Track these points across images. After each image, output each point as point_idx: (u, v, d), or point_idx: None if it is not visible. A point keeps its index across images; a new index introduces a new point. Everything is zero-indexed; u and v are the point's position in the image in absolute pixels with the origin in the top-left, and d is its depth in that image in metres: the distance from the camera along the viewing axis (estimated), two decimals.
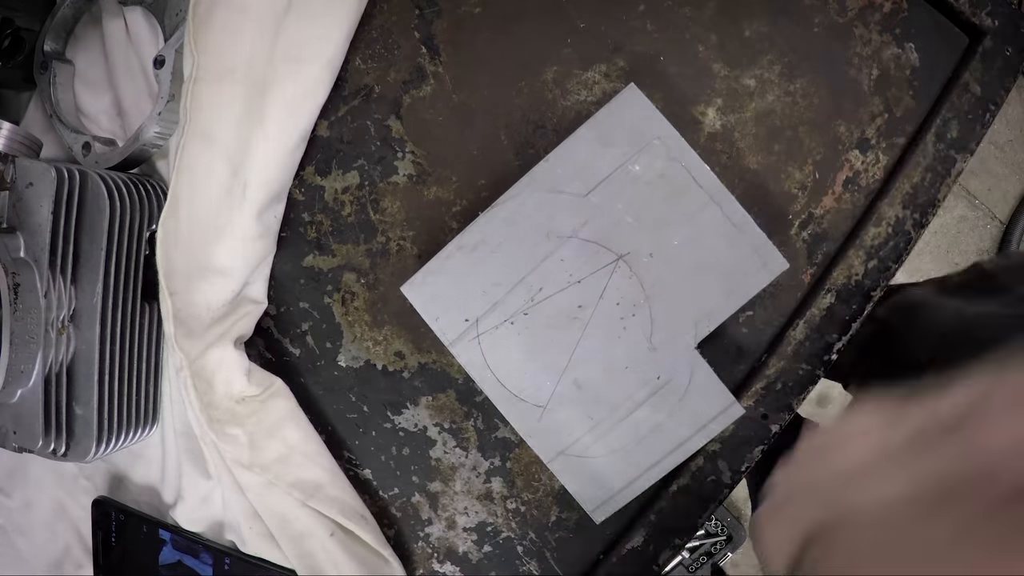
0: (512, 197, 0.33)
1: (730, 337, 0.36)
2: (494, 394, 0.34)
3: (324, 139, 0.38)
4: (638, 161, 0.32)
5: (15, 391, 0.32)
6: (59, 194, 0.31)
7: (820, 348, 0.36)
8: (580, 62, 0.36)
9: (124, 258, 0.34)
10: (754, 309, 0.36)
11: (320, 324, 0.39)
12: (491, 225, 0.33)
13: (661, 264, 0.33)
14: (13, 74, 0.39)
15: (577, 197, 0.33)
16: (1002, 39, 0.34)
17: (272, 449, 0.36)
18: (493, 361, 0.34)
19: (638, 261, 0.33)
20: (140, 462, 0.41)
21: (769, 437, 0.36)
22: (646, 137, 0.32)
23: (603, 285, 0.33)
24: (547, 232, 0.33)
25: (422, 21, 0.37)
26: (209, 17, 0.33)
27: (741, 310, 0.34)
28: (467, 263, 0.33)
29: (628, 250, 0.33)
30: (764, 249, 0.32)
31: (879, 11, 0.35)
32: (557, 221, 0.33)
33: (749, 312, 0.36)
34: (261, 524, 0.37)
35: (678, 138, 0.32)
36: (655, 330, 0.33)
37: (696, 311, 0.33)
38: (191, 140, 0.33)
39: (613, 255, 0.33)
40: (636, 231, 0.33)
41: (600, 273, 0.33)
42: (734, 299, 0.33)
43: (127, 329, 0.35)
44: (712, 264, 0.33)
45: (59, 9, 0.38)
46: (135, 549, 0.39)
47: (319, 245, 0.38)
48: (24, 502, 0.43)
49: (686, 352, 0.33)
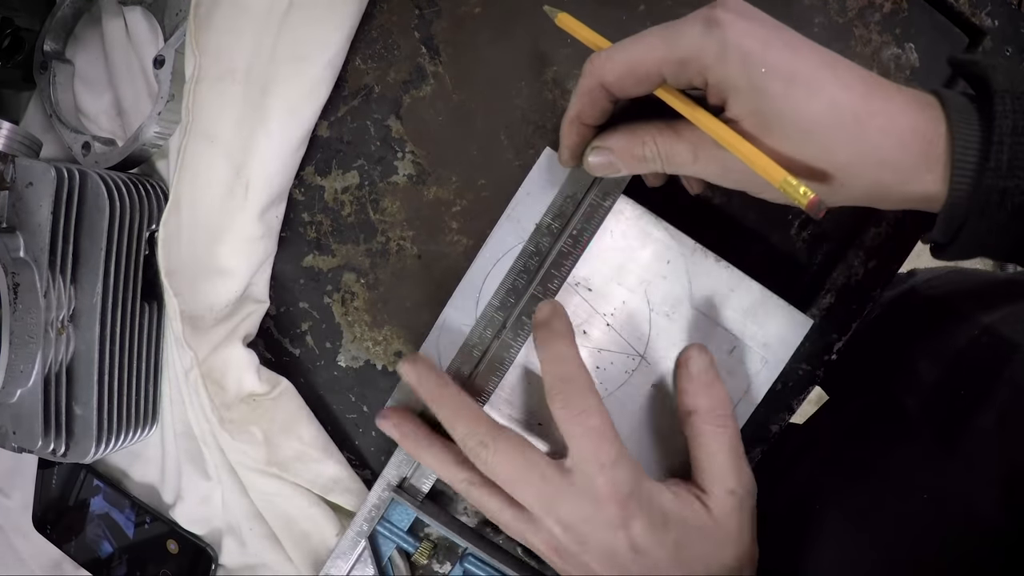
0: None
1: None
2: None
3: (324, 139, 0.38)
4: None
5: (15, 391, 0.32)
6: (59, 194, 0.31)
7: (820, 348, 0.36)
8: (580, 62, 0.36)
9: (124, 258, 0.34)
10: None
11: (320, 324, 0.39)
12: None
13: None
14: (13, 74, 0.39)
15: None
16: (1002, 39, 0.34)
17: (289, 447, 0.36)
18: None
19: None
20: (140, 462, 0.41)
21: (769, 437, 0.36)
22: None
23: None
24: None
25: (422, 21, 0.37)
26: (210, 17, 0.33)
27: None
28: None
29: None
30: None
31: (879, 11, 0.35)
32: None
33: None
34: (263, 525, 0.37)
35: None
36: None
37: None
38: (193, 140, 0.33)
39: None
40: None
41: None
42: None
43: (127, 329, 0.35)
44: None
45: (59, 9, 0.38)
46: (71, 493, 0.41)
47: (319, 245, 0.38)
48: (24, 502, 0.43)
49: None
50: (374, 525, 0.35)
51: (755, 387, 0.33)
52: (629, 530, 0.28)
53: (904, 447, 0.35)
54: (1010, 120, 0.23)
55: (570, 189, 0.33)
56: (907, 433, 0.36)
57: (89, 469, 0.41)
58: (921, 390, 0.36)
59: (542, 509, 0.29)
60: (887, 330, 0.45)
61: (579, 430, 0.29)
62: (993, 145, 0.23)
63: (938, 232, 0.26)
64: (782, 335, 0.33)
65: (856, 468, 0.37)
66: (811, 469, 0.41)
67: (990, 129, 0.24)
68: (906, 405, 0.37)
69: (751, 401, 0.33)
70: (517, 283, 0.33)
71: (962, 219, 0.25)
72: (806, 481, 0.40)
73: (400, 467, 0.35)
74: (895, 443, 0.36)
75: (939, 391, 0.35)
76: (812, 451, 0.42)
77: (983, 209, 0.24)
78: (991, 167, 0.23)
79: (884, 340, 0.44)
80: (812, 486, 0.39)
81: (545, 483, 0.29)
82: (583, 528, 0.28)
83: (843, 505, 0.36)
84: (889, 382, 0.40)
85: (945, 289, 0.46)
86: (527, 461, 0.29)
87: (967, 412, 0.32)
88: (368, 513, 0.35)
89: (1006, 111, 0.23)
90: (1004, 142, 0.23)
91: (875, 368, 0.42)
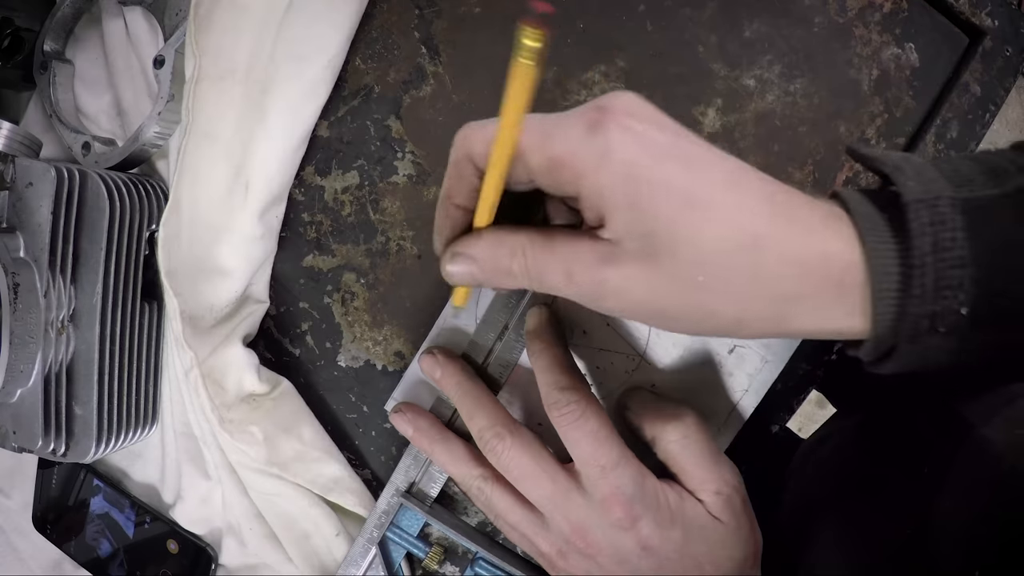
0: None
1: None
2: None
3: (324, 139, 0.38)
4: None
5: (15, 391, 0.32)
6: (59, 194, 0.31)
7: (820, 348, 0.36)
8: (580, 62, 0.36)
9: (124, 258, 0.34)
10: None
11: (320, 324, 0.39)
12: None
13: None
14: (13, 74, 0.39)
15: None
16: (1002, 39, 0.34)
17: (289, 447, 0.36)
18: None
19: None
20: (140, 462, 0.41)
21: (769, 437, 0.36)
22: None
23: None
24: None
25: (422, 21, 0.37)
26: (210, 17, 0.33)
27: None
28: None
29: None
30: None
31: (879, 11, 0.35)
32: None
33: None
34: (263, 525, 0.37)
35: None
36: None
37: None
38: (193, 140, 0.33)
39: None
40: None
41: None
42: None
43: (127, 329, 0.35)
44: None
45: (59, 9, 0.38)
46: (71, 493, 0.41)
47: (319, 245, 0.38)
48: (24, 502, 0.43)
49: None
50: (384, 531, 0.35)
51: (755, 387, 0.33)
52: (638, 531, 0.28)
53: (899, 477, 0.35)
54: (929, 237, 0.20)
55: None
56: (903, 464, 0.35)
57: (89, 469, 0.41)
58: (898, 453, 0.36)
59: (552, 507, 0.29)
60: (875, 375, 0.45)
61: (578, 435, 0.29)
62: (915, 269, 0.21)
63: (866, 355, 0.23)
64: None
65: (858, 482, 0.37)
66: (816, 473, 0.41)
67: (908, 247, 0.21)
68: (899, 446, 0.37)
69: (751, 401, 0.33)
70: None
71: (891, 346, 0.22)
72: (810, 483, 0.40)
73: (408, 472, 0.35)
74: (893, 468, 0.36)
75: (909, 462, 0.34)
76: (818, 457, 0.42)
77: (913, 336, 0.21)
78: (916, 294, 0.21)
79: (875, 382, 0.44)
80: (816, 490, 0.39)
81: (555, 484, 0.29)
82: (592, 530, 0.28)
83: (843, 514, 0.36)
84: (882, 426, 0.40)
85: None
86: (540, 459, 0.29)
87: (931, 491, 0.31)
88: (378, 519, 0.35)
89: (923, 226, 0.21)
90: (927, 263, 0.20)
91: (872, 400, 0.42)
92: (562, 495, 0.29)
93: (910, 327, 0.21)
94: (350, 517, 0.38)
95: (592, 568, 0.29)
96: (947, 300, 0.20)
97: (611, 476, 0.28)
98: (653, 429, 0.30)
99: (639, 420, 0.31)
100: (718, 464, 0.30)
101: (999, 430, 0.30)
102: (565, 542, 0.29)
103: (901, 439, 0.37)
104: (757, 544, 0.30)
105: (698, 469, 0.29)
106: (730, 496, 0.29)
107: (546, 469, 0.29)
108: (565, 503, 0.29)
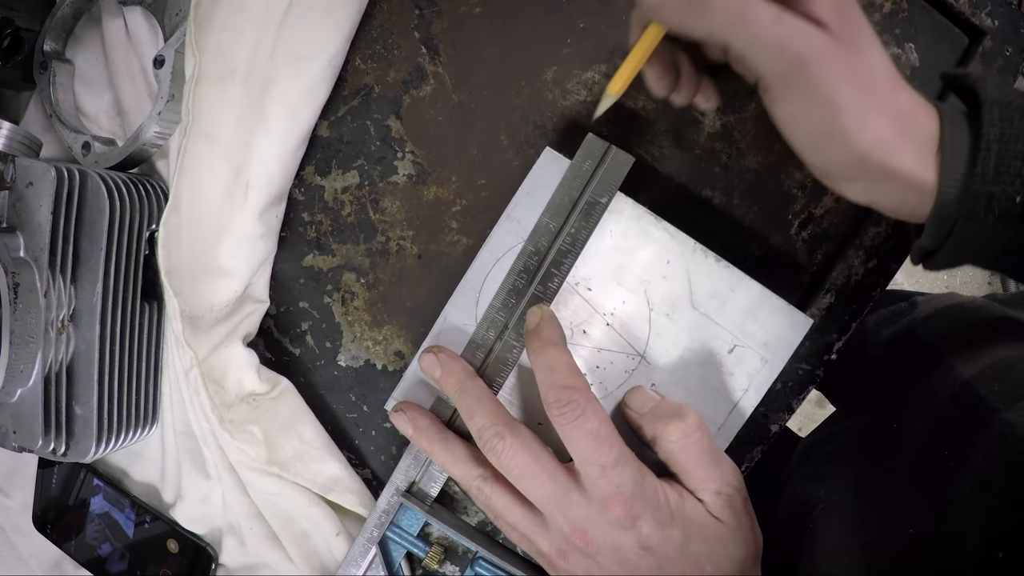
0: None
1: None
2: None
3: (324, 139, 0.38)
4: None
5: (15, 391, 0.32)
6: (59, 194, 0.31)
7: (820, 348, 0.36)
8: (580, 62, 0.36)
9: (124, 258, 0.34)
10: None
11: (320, 324, 0.39)
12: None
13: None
14: (13, 74, 0.39)
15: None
16: (1002, 39, 0.34)
17: (289, 446, 0.36)
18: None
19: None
20: (140, 462, 0.41)
21: (769, 437, 0.36)
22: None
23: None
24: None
25: (422, 21, 0.37)
26: (210, 17, 0.33)
27: None
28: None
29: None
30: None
31: (879, 11, 0.35)
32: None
33: None
34: (263, 525, 0.37)
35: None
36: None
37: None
38: (193, 140, 0.33)
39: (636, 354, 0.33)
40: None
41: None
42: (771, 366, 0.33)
43: (127, 329, 0.35)
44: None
45: (59, 9, 0.38)
46: (71, 493, 0.42)
47: (319, 245, 0.38)
48: (24, 502, 0.43)
49: None
50: (384, 531, 0.35)
51: (755, 387, 0.33)
52: (638, 530, 0.28)
53: (900, 483, 0.35)
54: (997, 128, 0.25)
55: (568, 188, 0.33)
56: (903, 473, 0.35)
57: (89, 469, 0.41)
58: (912, 444, 0.36)
59: (552, 507, 0.29)
60: (885, 375, 0.45)
61: (577, 434, 0.29)
62: (981, 151, 0.25)
63: (927, 238, 0.27)
64: (782, 335, 0.33)
65: (858, 485, 0.37)
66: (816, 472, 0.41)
67: (979, 136, 0.25)
68: (902, 454, 0.37)
69: (751, 401, 0.33)
70: (518, 283, 0.33)
71: (951, 223, 0.26)
72: (810, 483, 0.40)
73: (408, 471, 0.35)
74: (893, 475, 0.36)
75: (927, 448, 0.35)
76: (818, 457, 0.42)
77: (971, 213, 0.25)
78: (978, 172, 0.25)
79: (883, 383, 0.44)
80: (816, 490, 0.39)
81: (555, 483, 0.29)
82: (592, 529, 0.28)
83: (843, 516, 0.36)
84: (887, 427, 0.40)
85: (938, 331, 0.46)
86: (540, 458, 0.29)
87: (950, 476, 0.32)
88: (378, 519, 0.35)
89: (993, 120, 0.25)
90: (991, 148, 0.25)
91: (877, 401, 0.42)
92: (562, 494, 0.29)
93: (969, 203, 0.25)
94: (350, 517, 0.38)
95: (592, 567, 0.29)
96: (1005, 184, 0.24)
97: (611, 475, 0.28)
98: (653, 429, 0.30)
99: (639, 420, 0.31)
100: (718, 464, 0.30)
101: (1022, 414, 0.31)
102: (565, 541, 0.29)
103: (907, 436, 0.37)
104: (757, 544, 0.30)
105: (698, 469, 0.29)
106: (730, 496, 0.29)
107: (546, 468, 0.29)
108: (565, 502, 0.29)
